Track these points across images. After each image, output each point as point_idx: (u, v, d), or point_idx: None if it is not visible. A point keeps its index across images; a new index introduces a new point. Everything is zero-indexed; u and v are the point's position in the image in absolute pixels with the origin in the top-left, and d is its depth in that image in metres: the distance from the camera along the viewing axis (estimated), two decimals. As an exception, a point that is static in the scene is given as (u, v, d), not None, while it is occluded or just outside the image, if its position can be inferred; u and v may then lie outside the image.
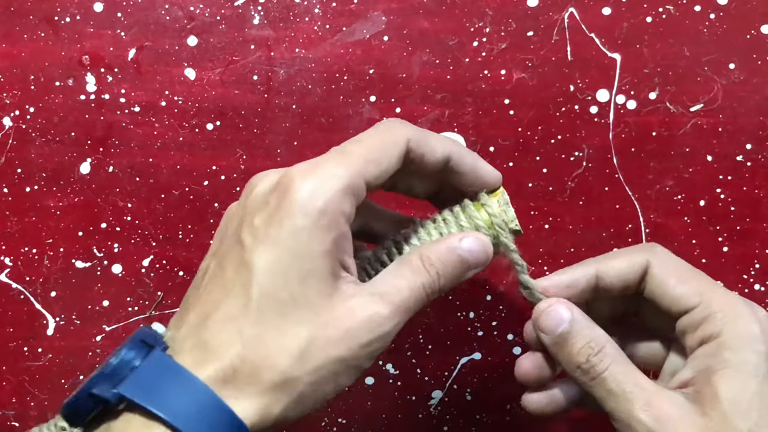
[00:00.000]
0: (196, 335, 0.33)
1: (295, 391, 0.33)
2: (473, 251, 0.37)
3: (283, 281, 0.33)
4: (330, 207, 0.33)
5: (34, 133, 0.48)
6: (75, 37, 0.48)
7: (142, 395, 0.32)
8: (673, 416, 0.35)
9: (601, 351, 0.37)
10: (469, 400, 0.49)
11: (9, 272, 0.49)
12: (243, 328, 0.33)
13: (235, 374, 0.32)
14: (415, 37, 0.48)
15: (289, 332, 0.33)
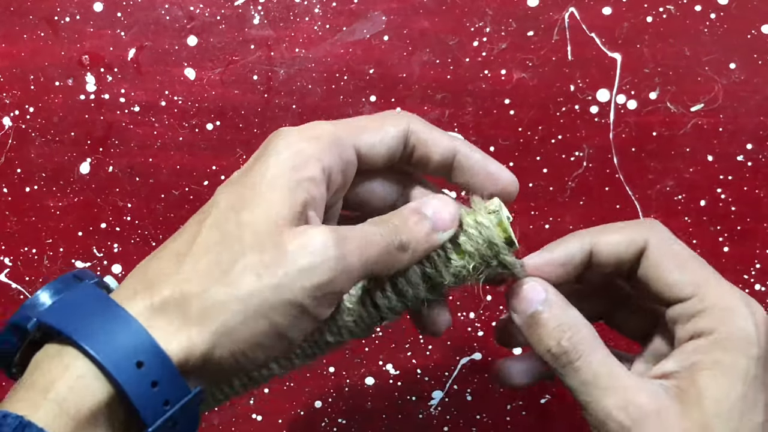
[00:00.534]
0: (140, 273, 0.32)
1: (220, 321, 0.30)
2: (437, 210, 0.34)
3: (234, 214, 0.31)
4: (306, 157, 0.32)
5: (33, 133, 0.48)
6: (75, 37, 0.48)
7: (60, 321, 0.30)
8: (651, 415, 0.33)
9: (575, 336, 0.34)
10: (469, 400, 0.49)
11: (9, 272, 0.49)
12: (183, 259, 0.31)
13: (166, 305, 0.30)
14: (415, 37, 0.48)
15: (226, 261, 0.30)
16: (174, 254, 0.31)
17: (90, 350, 0.29)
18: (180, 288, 0.30)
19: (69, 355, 0.29)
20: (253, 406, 0.49)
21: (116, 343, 0.29)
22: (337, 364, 0.49)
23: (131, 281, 0.32)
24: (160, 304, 0.30)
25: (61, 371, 0.29)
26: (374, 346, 0.49)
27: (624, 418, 0.32)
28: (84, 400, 0.29)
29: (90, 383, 0.29)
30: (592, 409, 0.33)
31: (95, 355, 0.29)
